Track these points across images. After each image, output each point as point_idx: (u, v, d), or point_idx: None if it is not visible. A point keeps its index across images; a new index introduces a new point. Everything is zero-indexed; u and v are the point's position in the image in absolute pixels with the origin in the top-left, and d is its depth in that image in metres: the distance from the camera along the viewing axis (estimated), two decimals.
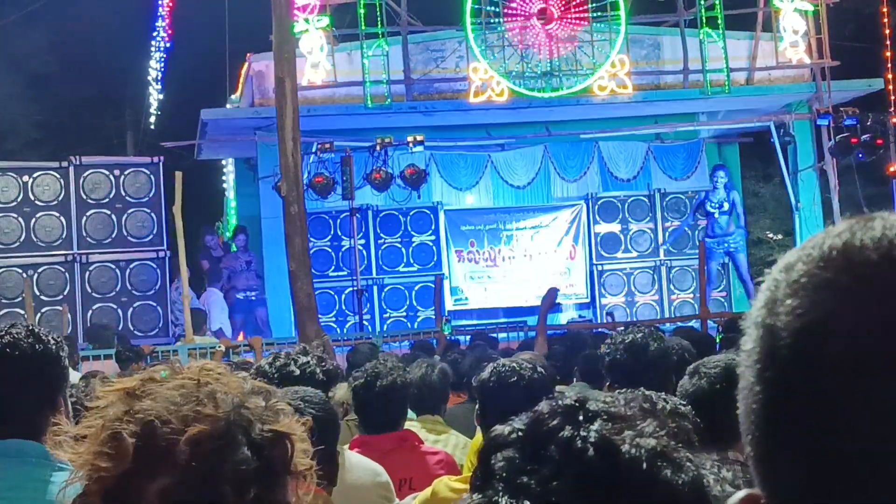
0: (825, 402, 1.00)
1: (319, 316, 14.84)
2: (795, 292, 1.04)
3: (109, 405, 1.83)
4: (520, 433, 1.40)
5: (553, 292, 12.51)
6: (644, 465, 1.34)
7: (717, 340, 10.41)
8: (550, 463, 1.35)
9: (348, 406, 6.25)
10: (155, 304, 17.13)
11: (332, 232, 20.02)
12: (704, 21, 19.82)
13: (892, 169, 19.42)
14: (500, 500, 1.35)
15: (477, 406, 5.02)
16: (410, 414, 6.29)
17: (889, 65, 19.92)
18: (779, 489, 1.07)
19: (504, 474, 1.37)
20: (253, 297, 19.27)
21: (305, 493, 1.90)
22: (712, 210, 20.09)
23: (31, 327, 3.40)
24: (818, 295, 1.02)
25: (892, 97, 19.65)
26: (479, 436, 4.89)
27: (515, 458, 1.38)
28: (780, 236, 26.44)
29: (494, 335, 14.17)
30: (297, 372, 4.83)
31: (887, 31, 20.05)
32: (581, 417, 1.39)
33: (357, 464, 4.85)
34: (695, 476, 1.36)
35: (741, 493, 1.11)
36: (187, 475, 1.75)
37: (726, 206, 20.06)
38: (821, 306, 1.02)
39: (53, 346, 3.34)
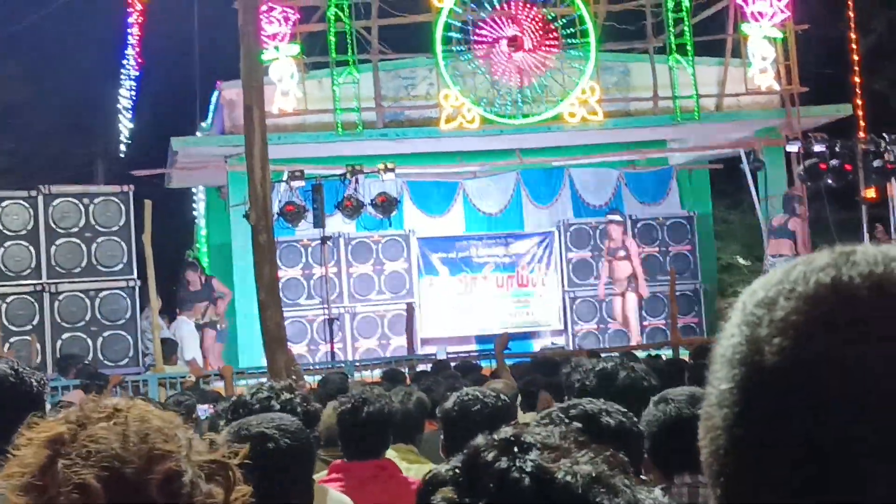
0: (825, 442, 0.98)
1: (291, 344, 14.74)
2: (783, 331, 1.01)
3: (36, 452, 1.76)
4: (457, 470, 1.41)
5: (505, 337, 12.65)
6: (579, 491, 1.34)
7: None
8: (487, 494, 1.35)
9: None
10: (125, 334, 17.03)
11: (303, 260, 19.96)
12: (674, 48, 19.94)
13: (863, 194, 19.46)
14: None
15: (441, 436, 5.07)
16: None
17: (858, 90, 20.07)
18: None
19: None
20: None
21: None
22: None
23: (14, 365, 3.37)
24: (811, 334, 1.00)
25: (861, 123, 19.77)
26: None
27: (454, 495, 1.39)
28: (749, 262, 26.54)
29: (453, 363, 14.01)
30: (278, 407, 4.73)
31: (855, 57, 20.21)
32: (516, 449, 1.39)
33: (329, 497, 4.79)
34: (630, 500, 1.36)
35: None
36: None
37: None
38: (815, 346, 1.00)
39: (35, 387, 3.33)
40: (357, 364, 17.10)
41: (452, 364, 13.26)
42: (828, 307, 1.01)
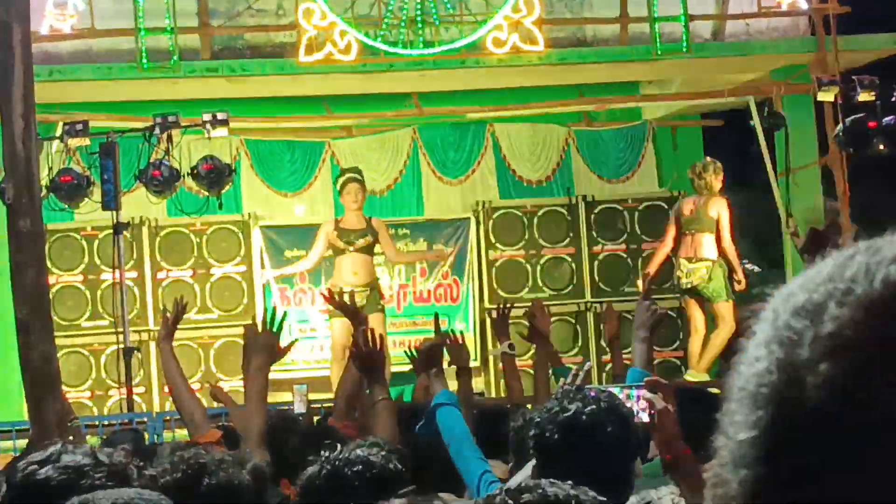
0: None
1: (65, 388, 14.68)
2: (832, 351, 1.01)
3: None
4: None
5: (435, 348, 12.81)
6: None
7: None
8: None
9: None
10: None
11: (85, 259, 19.93)
12: None
13: None
14: None
15: None
16: None
17: None
18: None
19: None
20: None
21: None
22: None
23: None
24: (876, 355, 1.00)
25: None
26: None
27: None
28: (759, 269, 26.56)
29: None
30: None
31: None
32: None
33: None
34: None
35: None
36: None
37: None
38: (882, 374, 0.99)
39: None
40: (168, 418, 16.70)
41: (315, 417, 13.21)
42: None
